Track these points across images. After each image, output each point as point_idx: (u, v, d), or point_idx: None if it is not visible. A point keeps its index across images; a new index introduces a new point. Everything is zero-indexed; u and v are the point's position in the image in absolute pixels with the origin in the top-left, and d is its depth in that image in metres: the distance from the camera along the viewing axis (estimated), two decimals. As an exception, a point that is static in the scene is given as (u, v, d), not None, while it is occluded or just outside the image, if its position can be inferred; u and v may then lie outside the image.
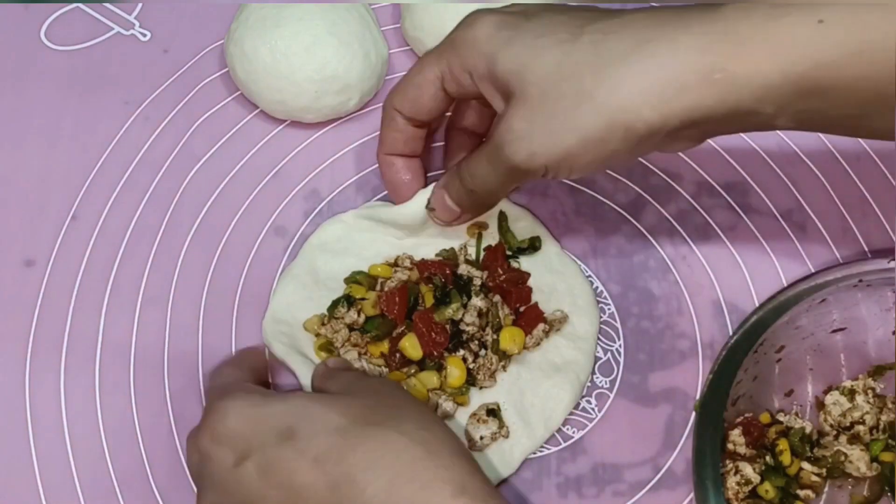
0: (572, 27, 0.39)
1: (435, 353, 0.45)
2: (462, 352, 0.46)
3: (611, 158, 0.39)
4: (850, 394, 0.47)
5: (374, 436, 0.37)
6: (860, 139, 0.53)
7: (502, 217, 0.49)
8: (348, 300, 0.47)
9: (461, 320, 0.46)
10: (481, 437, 0.45)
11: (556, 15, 0.40)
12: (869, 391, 0.47)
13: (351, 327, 0.47)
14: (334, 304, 0.47)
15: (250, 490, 0.38)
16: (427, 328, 0.45)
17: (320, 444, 0.37)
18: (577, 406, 0.48)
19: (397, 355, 0.46)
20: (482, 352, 0.46)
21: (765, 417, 0.46)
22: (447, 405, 0.45)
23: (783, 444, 0.45)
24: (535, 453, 0.47)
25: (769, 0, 0.36)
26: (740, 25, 0.36)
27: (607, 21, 0.38)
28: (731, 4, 0.36)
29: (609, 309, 0.50)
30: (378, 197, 0.52)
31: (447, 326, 0.46)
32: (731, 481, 0.45)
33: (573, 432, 0.47)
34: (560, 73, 0.38)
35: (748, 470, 0.45)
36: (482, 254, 0.49)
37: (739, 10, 0.36)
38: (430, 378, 0.46)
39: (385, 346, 0.46)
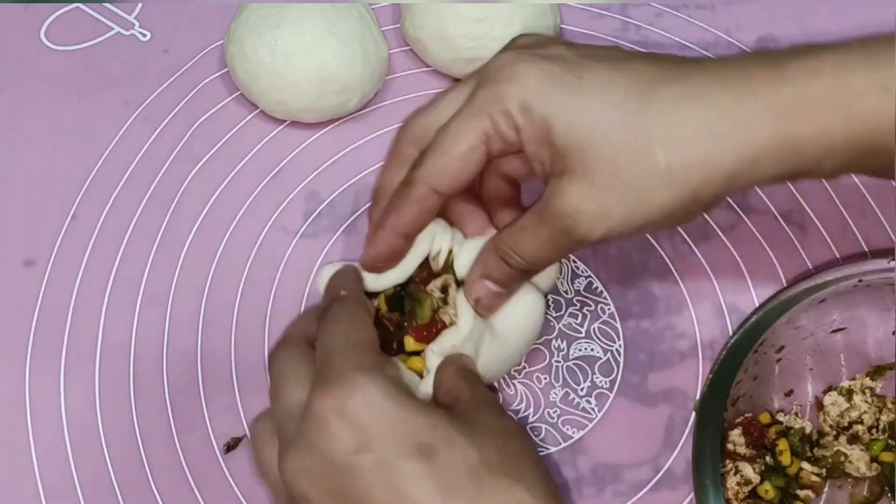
0: (635, 92, 0.36)
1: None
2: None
3: (673, 224, 0.38)
4: (848, 394, 0.47)
5: (506, 489, 0.35)
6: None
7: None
8: None
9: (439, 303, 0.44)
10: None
11: (612, 73, 0.37)
12: (867, 391, 0.47)
13: None
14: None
15: (359, 482, 0.35)
16: (422, 335, 0.44)
17: (455, 476, 0.35)
18: (576, 405, 0.48)
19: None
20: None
21: (765, 417, 0.46)
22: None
23: (783, 445, 0.45)
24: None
25: (830, 48, 0.36)
26: (810, 92, 0.35)
27: (673, 87, 0.36)
28: (794, 61, 0.36)
29: (609, 309, 0.50)
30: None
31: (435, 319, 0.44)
32: (731, 481, 0.45)
33: (573, 432, 0.47)
34: (630, 146, 0.36)
35: (748, 470, 0.45)
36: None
37: (806, 70, 0.35)
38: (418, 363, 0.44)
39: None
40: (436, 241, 0.43)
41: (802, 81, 0.35)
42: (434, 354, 0.42)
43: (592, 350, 0.49)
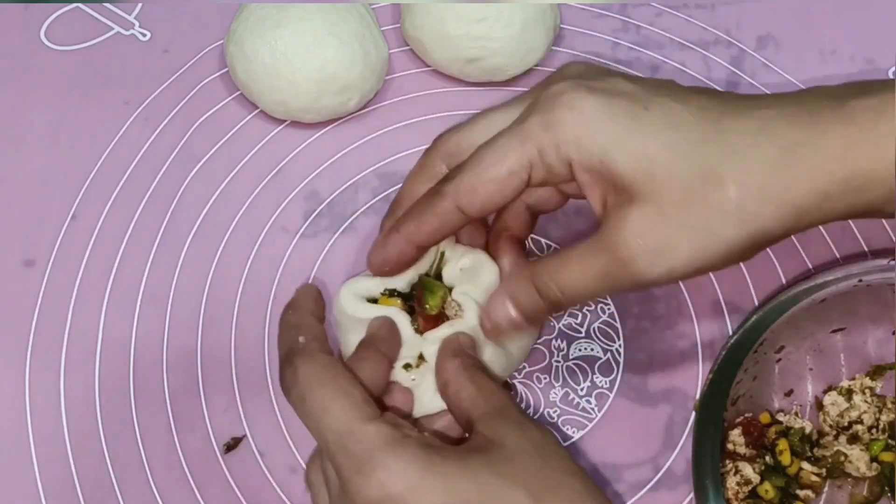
0: (704, 123, 0.35)
1: None
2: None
3: (735, 263, 0.36)
4: (848, 394, 0.47)
5: None
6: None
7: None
8: None
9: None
10: None
11: (677, 105, 0.36)
12: (867, 391, 0.47)
13: None
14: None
15: None
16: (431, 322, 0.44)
17: None
18: (576, 405, 0.48)
19: None
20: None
21: (764, 417, 0.46)
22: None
23: (783, 444, 0.45)
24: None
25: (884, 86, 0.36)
26: (877, 131, 0.35)
27: (741, 121, 0.35)
28: (856, 99, 0.35)
29: (609, 309, 0.50)
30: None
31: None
32: (731, 481, 0.45)
33: (573, 432, 0.47)
34: (701, 177, 0.34)
35: (748, 470, 0.45)
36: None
37: (869, 109, 0.35)
38: None
39: None
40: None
41: (869, 120, 0.35)
42: (429, 343, 0.41)
43: (592, 350, 0.49)
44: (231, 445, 0.47)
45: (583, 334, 0.49)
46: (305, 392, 0.36)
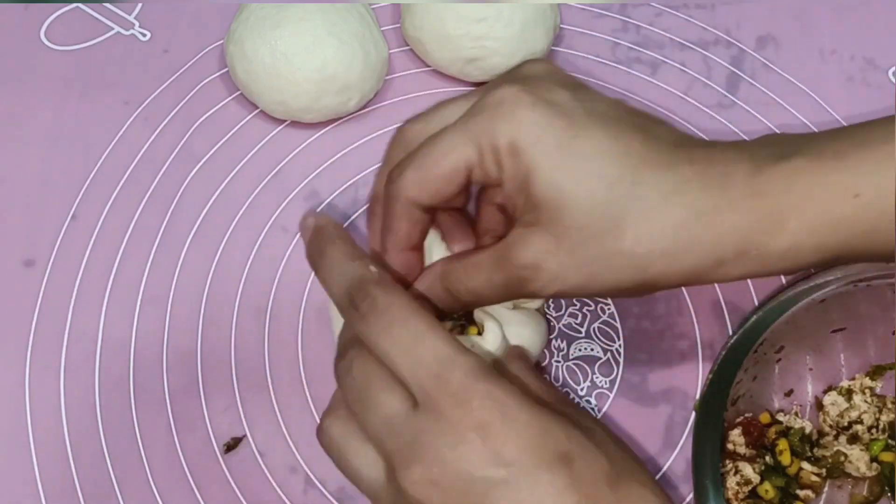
0: (624, 170, 0.36)
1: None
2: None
3: (620, 297, 0.38)
4: (848, 394, 0.47)
5: (640, 496, 0.35)
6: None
7: None
8: None
9: None
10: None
11: (607, 141, 0.36)
12: (867, 391, 0.47)
13: None
14: None
15: (499, 497, 0.34)
16: None
17: (594, 485, 0.34)
18: (577, 406, 0.48)
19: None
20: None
21: (764, 417, 0.46)
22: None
23: (783, 444, 0.46)
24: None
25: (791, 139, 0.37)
26: (781, 205, 0.35)
27: (659, 175, 0.36)
28: (772, 166, 0.36)
29: (609, 309, 0.50)
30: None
31: None
32: (731, 481, 0.45)
33: (573, 432, 0.47)
34: (604, 222, 0.36)
35: (748, 470, 0.45)
36: None
37: (781, 177, 0.36)
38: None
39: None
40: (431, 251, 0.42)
41: (776, 192, 0.35)
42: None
43: (592, 350, 0.49)
44: (231, 445, 0.47)
45: (583, 334, 0.49)
46: (394, 321, 0.36)
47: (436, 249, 0.42)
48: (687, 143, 0.37)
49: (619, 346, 0.49)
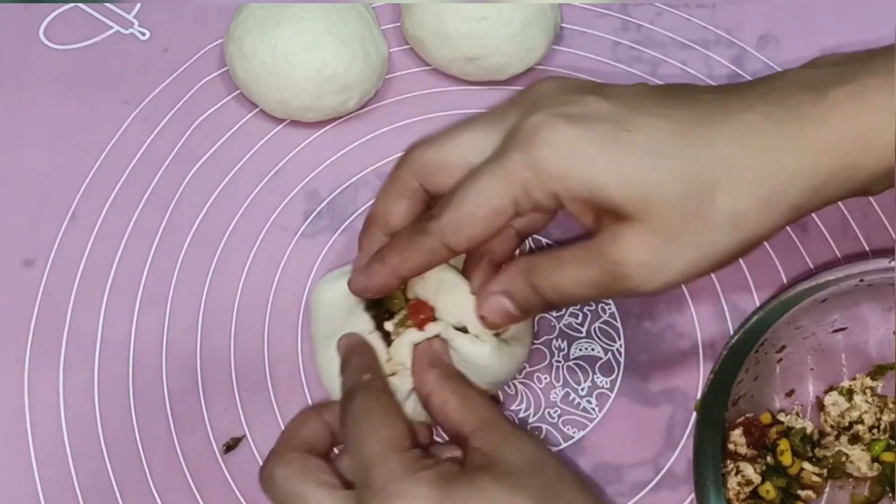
0: (689, 139, 0.35)
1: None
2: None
3: (732, 263, 0.37)
4: (849, 394, 0.47)
5: None
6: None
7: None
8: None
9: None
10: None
11: (657, 122, 0.35)
12: (868, 391, 0.47)
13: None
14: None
15: None
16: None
17: None
18: (577, 405, 0.48)
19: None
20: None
21: (766, 417, 0.46)
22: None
23: (784, 445, 0.45)
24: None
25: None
26: (861, 121, 0.35)
27: (724, 130, 0.35)
28: (836, 87, 0.35)
29: (609, 309, 0.50)
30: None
31: None
32: (732, 482, 0.45)
33: (573, 432, 0.47)
34: (692, 196, 0.35)
35: (749, 470, 0.45)
36: None
37: (851, 96, 0.35)
38: None
39: None
40: None
41: (851, 111, 0.35)
42: (404, 346, 0.42)
43: (593, 350, 0.49)
44: (231, 445, 0.47)
45: (583, 334, 0.49)
46: (357, 419, 0.38)
47: (449, 278, 0.42)
48: (733, 92, 0.36)
49: (620, 346, 0.49)
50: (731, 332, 0.48)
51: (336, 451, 0.42)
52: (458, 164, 0.38)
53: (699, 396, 0.47)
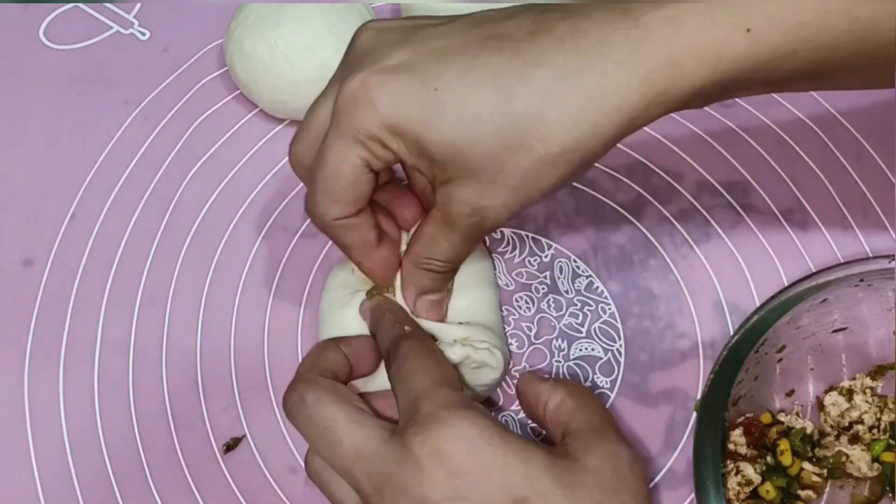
0: (497, 91, 0.35)
1: None
2: None
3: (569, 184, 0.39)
4: (849, 394, 0.47)
5: None
6: (863, 139, 0.53)
7: None
8: None
9: None
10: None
11: (465, 76, 0.36)
12: (868, 391, 0.47)
13: None
14: None
15: None
16: None
17: None
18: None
19: None
20: None
21: (766, 417, 0.46)
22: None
23: (784, 445, 0.45)
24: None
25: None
26: (674, 49, 0.34)
27: (535, 75, 0.35)
28: (651, 12, 0.35)
29: (609, 309, 0.50)
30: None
31: None
32: (732, 482, 0.45)
33: (573, 432, 0.47)
34: (506, 146, 0.36)
35: (749, 470, 0.45)
36: None
37: (665, 22, 0.35)
38: None
39: None
40: None
41: (664, 38, 0.35)
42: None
43: (593, 350, 0.49)
44: (231, 445, 0.47)
45: (583, 334, 0.49)
46: (407, 358, 0.39)
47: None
48: (545, 25, 0.36)
49: (620, 346, 0.49)
50: (732, 332, 0.48)
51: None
52: (319, 138, 0.39)
53: (699, 396, 0.47)
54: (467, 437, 0.35)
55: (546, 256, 0.51)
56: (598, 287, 0.50)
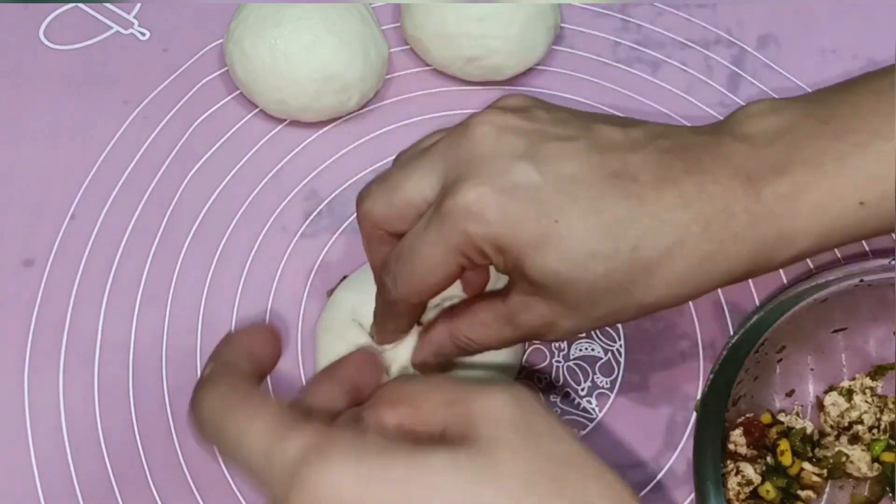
0: (614, 239, 0.35)
1: None
2: None
3: None
4: (849, 394, 0.47)
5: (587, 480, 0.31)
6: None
7: None
8: None
9: None
10: None
11: (587, 216, 0.35)
12: (867, 391, 0.47)
13: None
14: None
15: None
16: None
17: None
18: (577, 405, 0.48)
19: None
20: None
21: (766, 418, 0.46)
22: None
23: (784, 445, 0.45)
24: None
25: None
26: (787, 224, 0.36)
27: (653, 233, 0.35)
28: (769, 186, 0.36)
29: (609, 309, 0.50)
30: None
31: None
32: (732, 482, 0.45)
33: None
34: (609, 289, 0.36)
35: (749, 470, 0.45)
36: None
37: (783, 199, 0.36)
38: None
39: None
40: None
41: (781, 213, 0.36)
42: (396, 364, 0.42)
43: (593, 350, 0.49)
44: (231, 446, 0.46)
45: (583, 334, 0.49)
46: (217, 421, 0.32)
47: None
48: (671, 175, 0.36)
49: (620, 346, 0.49)
50: (731, 332, 0.48)
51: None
52: (406, 212, 0.38)
53: (699, 396, 0.47)
54: (342, 486, 0.29)
55: (546, 256, 0.51)
56: (598, 287, 0.50)
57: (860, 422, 0.46)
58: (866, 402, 0.47)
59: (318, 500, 0.28)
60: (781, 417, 0.47)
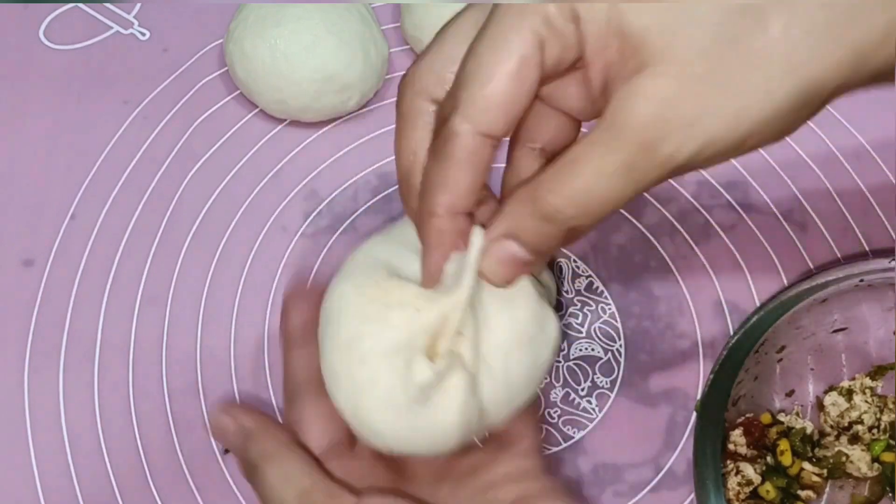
0: None
1: None
2: None
3: (779, 135, 0.29)
4: (848, 394, 0.47)
5: None
6: (863, 139, 0.53)
7: None
8: None
9: None
10: None
11: None
12: (867, 391, 0.47)
13: None
14: None
15: None
16: None
17: None
18: (577, 405, 0.48)
19: None
20: None
21: (766, 418, 0.46)
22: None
23: (784, 445, 0.45)
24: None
25: None
26: None
27: None
28: None
29: (609, 309, 0.50)
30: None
31: None
32: (732, 482, 0.45)
33: (573, 433, 0.47)
34: (737, 18, 0.27)
35: (749, 470, 0.45)
36: None
37: None
38: None
39: None
40: None
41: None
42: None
43: (593, 350, 0.49)
44: (231, 446, 0.47)
45: (583, 334, 0.49)
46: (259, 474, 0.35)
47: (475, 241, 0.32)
48: None
49: (620, 346, 0.49)
50: (731, 332, 0.48)
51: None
52: (523, 65, 0.29)
53: (699, 396, 0.47)
54: None
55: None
56: (598, 287, 0.50)
57: (860, 422, 0.46)
58: (866, 402, 0.47)
59: None
60: (781, 417, 0.47)
